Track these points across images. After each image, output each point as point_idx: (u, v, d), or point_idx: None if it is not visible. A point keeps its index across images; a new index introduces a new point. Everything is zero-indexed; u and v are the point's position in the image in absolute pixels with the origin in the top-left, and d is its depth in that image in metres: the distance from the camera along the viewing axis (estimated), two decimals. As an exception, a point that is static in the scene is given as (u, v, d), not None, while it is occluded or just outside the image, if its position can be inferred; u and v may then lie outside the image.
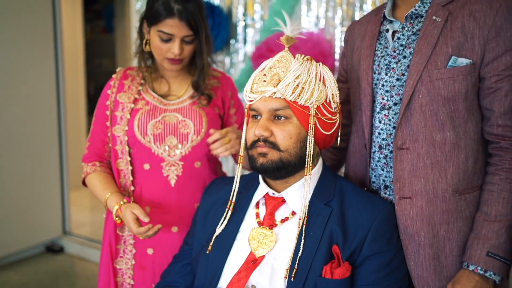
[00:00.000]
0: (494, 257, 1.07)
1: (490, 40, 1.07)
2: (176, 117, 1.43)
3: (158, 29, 1.36)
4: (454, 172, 1.12)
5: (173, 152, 1.41)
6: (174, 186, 1.42)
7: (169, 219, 1.42)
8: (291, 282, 1.07)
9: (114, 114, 1.44)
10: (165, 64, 1.42)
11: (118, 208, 1.33)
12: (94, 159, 1.47)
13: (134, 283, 1.46)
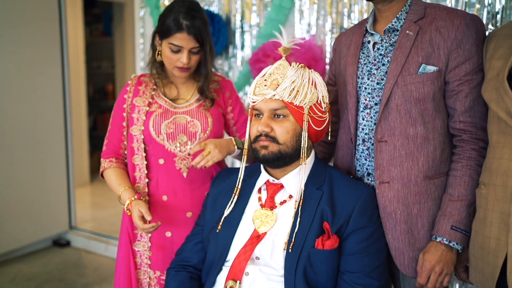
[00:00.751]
0: (457, 230, 1.29)
1: (453, 51, 1.29)
2: (186, 118, 1.63)
3: (169, 41, 1.56)
4: (424, 161, 1.34)
5: (183, 148, 1.62)
6: (186, 177, 1.62)
7: (184, 206, 1.62)
8: (289, 253, 1.28)
9: (131, 116, 1.65)
10: (175, 72, 1.62)
11: (129, 202, 1.53)
12: (111, 156, 1.67)
13: (150, 263, 1.66)
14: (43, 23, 3.54)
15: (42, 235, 3.70)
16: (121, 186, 1.58)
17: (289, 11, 2.64)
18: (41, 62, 3.54)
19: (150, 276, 1.66)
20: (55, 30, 3.65)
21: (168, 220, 1.61)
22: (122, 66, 5.93)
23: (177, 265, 1.51)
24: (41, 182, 3.64)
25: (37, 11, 3.48)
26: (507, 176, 1.13)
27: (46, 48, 3.58)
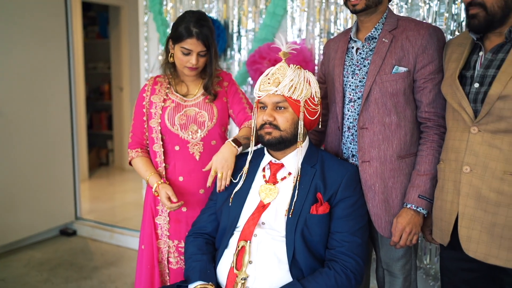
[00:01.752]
0: (423, 198, 1.61)
1: (419, 55, 1.62)
2: (195, 110, 1.93)
3: (181, 46, 1.86)
4: (397, 144, 1.66)
5: (195, 136, 1.92)
6: (199, 160, 1.92)
7: (198, 184, 1.92)
8: (289, 218, 1.59)
9: (149, 111, 1.94)
10: (185, 71, 1.92)
11: (157, 186, 1.84)
12: (137, 147, 1.96)
13: (169, 234, 1.96)
14: (50, 26, 3.80)
15: (50, 225, 3.96)
16: (147, 172, 1.89)
17: (282, 18, 2.94)
18: (49, 63, 3.80)
19: (169, 245, 1.96)
20: (62, 32, 3.91)
21: (184, 197, 1.91)
22: (118, 67, 6.18)
23: (195, 233, 1.81)
24: (49, 177, 3.90)
25: (44, 14, 3.74)
26: (458, 152, 1.45)
27: (54, 49, 3.84)
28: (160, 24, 3.36)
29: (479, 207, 1.41)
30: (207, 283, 1.60)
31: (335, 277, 1.52)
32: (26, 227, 3.76)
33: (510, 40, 1.41)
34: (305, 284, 1.50)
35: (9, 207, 3.60)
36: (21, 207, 3.70)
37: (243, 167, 1.75)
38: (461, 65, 1.49)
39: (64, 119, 3.99)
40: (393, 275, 1.78)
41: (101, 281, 3.19)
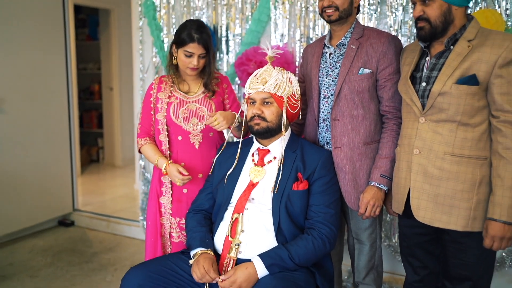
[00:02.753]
0: (384, 177, 1.96)
1: (380, 59, 1.97)
2: (196, 105, 2.25)
3: (184, 49, 2.17)
4: (363, 132, 2.01)
5: (195, 128, 2.23)
6: (198, 148, 2.24)
7: (197, 169, 2.24)
8: (275, 194, 1.92)
9: (156, 106, 2.25)
10: (187, 71, 2.23)
11: (167, 165, 2.15)
12: (145, 136, 2.26)
13: (172, 212, 2.28)
14: (49, 28, 4.06)
15: (49, 216, 4.22)
16: (156, 155, 2.20)
17: (266, 24, 3.26)
18: (49, 63, 4.07)
19: (171, 222, 2.27)
20: (60, 34, 4.18)
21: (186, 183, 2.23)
22: (108, 68, 6.45)
23: (194, 210, 2.13)
24: (48, 171, 4.16)
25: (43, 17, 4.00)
26: (410, 138, 1.80)
27: (53, 50, 4.10)
28: (154, 28, 3.66)
29: (426, 181, 1.76)
30: (206, 249, 1.92)
31: (313, 241, 1.86)
32: (27, 217, 4.02)
33: (448, 48, 1.76)
34: (288, 247, 1.84)
35: (11, 199, 3.86)
36: (22, 198, 3.96)
37: (235, 153, 2.08)
38: (412, 68, 1.84)
39: (62, 117, 4.26)
40: (361, 242, 2.13)
41: (102, 264, 3.48)
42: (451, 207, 1.72)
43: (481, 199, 1.70)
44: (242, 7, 3.34)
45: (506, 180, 1.63)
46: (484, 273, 1.78)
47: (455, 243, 1.77)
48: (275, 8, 3.20)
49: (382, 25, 2.89)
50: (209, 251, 1.91)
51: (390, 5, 2.84)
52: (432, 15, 1.73)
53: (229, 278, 1.78)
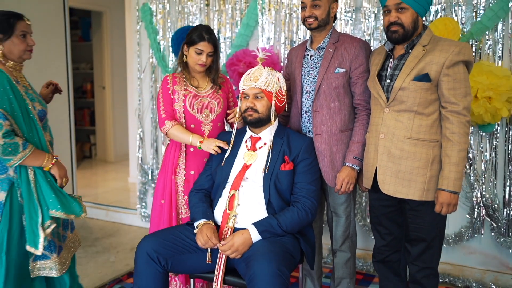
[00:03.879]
0: (356, 158, 2.34)
1: (353, 60, 2.35)
2: (207, 99, 2.58)
3: (195, 47, 2.49)
4: (339, 122, 2.39)
5: (207, 118, 2.56)
6: (207, 136, 2.57)
7: (204, 154, 2.54)
8: (265, 174, 2.28)
9: (173, 97, 2.56)
10: (196, 67, 2.54)
11: (201, 140, 2.44)
12: (171, 119, 2.53)
13: (184, 190, 2.60)
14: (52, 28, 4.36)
15: (52, 205, 4.53)
16: (188, 134, 2.48)
17: (254, 28, 3.63)
18: (51, 62, 4.38)
19: (184, 199, 2.61)
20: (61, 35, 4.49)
21: (193, 163, 2.56)
22: (100, 68, 6.75)
23: (196, 189, 2.48)
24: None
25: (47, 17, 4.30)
26: (377, 125, 2.19)
27: (55, 50, 4.41)
28: (151, 32, 4.01)
29: (389, 160, 2.15)
30: (208, 220, 2.28)
31: (298, 212, 2.22)
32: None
33: (408, 52, 2.15)
34: (277, 217, 2.20)
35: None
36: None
37: (230, 141, 2.44)
38: (379, 68, 2.23)
39: (63, 115, 4.57)
40: (338, 215, 2.51)
41: (104, 248, 3.81)
42: (410, 181, 2.11)
43: (433, 174, 2.10)
44: (232, 13, 3.71)
45: (452, 158, 2.03)
46: (436, 235, 2.17)
47: (413, 211, 2.16)
48: (262, 14, 3.57)
49: (357, 30, 3.28)
50: (210, 222, 2.26)
51: (364, 12, 3.24)
52: (406, 21, 2.11)
53: (228, 242, 2.14)
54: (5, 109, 2.13)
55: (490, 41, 2.89)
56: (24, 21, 2.31)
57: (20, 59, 2.32)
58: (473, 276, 3.11)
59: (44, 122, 2.39)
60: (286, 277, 1.97)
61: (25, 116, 2.22)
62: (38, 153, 2.23)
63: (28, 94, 2.29)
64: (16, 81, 2.25)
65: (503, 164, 2.96)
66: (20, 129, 2.20)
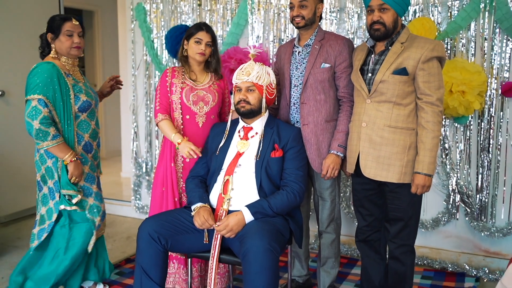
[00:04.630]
0: (341, 146, 2.54)
1: (337, 56, 2.56)
2: (203, 92, 2.75)
3: (194, 37, 2.68)
4: (325, 113, 2.59)
5: (202, 110, 2.74)
6: (201, 127, 2.73)
7: (198, 143, 2.71)
8: (257, 160, 2.47)
9: (171, 89, 2.74)
10: (196, 57, 2.71)
11: (182, 140, 2.62)
12: (165, 112, 2.72)
13: (182, 176, 2.78)
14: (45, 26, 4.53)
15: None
16: (174, 130, 2.66)
17: (244, 27, 3.81)
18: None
19: (182, 185, 2.78)
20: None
21: None
22: (92, 66, 6.89)
23: (192, 176, 2.66)
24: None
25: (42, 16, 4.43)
26: (359, 115, 2.40)
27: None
28: (145, 30, 4.18)
29: (371, 147, 2.35)
30: (204, 203, 2.46)
31: (287, 195, 2.42)
32: (28, 199, 4.46)
33: (387, 48, 2.36)
34: (268, 200, 2.39)
35: (15, 183, 4.31)
36: (24, 182, 4.38)
37: (224, 131, 2.63)
38: (361, 62, 2.44)
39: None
40: (324, 199, 2.71)
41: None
42: (389, 165, 2.32)
43: (410, 159, 2.31)
44: (223, 12, 3.90)
45: (427, 144, 2.25)
46: (413, 215, 2.39)
47: (392, 193, 2.38)
48: (252, 13, 3.77)
49: (342, 29, 3.49)
50: (206, 205, 2.45)
51: (348, 12, 3.45)
52: (387, 20, 2.32)
53: (223, 223, 2.33)
54: (47, 97, 2.53)
55: (463, 40, 3.13)
56: (71, 22, 2.68)
57: (69, 55, 2.70)
58: (449, 258, 3.34)
59: (90, 112, 2.75)
60: (277, 252, 2.17)
61: (65, 107, 2.61)
62: (63, 148, 2.58)
63: (76, 86, 2.66)
64: (67, 74, 2.64)
65: (476, 153, 3.19)
66: (58, 117, 2.61)
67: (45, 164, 2.68)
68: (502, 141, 3.11)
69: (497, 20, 3.01)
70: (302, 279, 2.97)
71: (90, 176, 2.81)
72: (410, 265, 2.45)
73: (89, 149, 2.77)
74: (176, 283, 2.83)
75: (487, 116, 3.13)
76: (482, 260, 3.24)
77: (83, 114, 2.70)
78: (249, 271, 2.13)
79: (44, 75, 2.54)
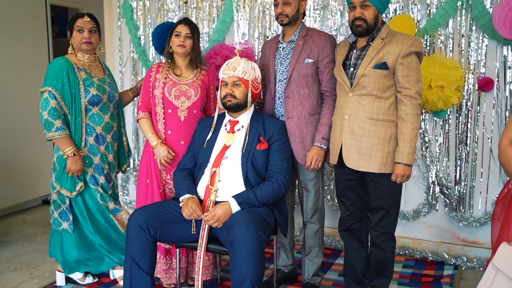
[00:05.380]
0: (324, 139, 2.63)
1: (320, 52, 2.65)
2: (185, 87, 2.82)
3: (174, 31, 2.77)
4: (308, 106, 2.68)
5: (183, 104, 2.81)
6: (183, 121, 2.81)
7: (180, 137, 2.80)
8: (243, 153, 2.55)
9: (154, 84, 2.80)
10: (177, 49, 2.77)
11: (158, 143, 2.73)
12: (146, 110, 2.81)
13: (164, 168, 2.84)
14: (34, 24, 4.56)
15: (35, 195, 4.70)
16: (151, 130, 2.77)
17: (230, 24, 3.88)
18: (35, 56, 4.56)
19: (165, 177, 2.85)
20: (44, 32, 4.67)
21: (171, 145, 2.80)
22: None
23: (180, 169, 2.72)
24: (34, 155, 4.64)
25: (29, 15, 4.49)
26: (342, 108, 2.48)
27: (38, 46, 4.60)
28: (132, 27, 4.22)
29: (353, 138, 2.45)
30: (192, 195, 2.53)
31: (272, 186, 2.50)
32: (15, 196, 4.49)
33: (368, 44, 2.45)
34: (254, 190, 2.47)
35: (1, 179, 4.33)
36: (11, 179, 4.42)
37: (211, 124, 2.70)
38: (344, 57, 2.52)
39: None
40: (308, 190, 2.80)
41: (89, 231, 4.01)
42: (370, 156, 2.42)
43: (390, 150, 2.41)
44: (209, 10, 3.96)
45: (406, 135, 2.34)
46: (393, 204, 2.49)
47: (373, 183, 2.47)
48: (237, 11, 3.84)
49: (325, 26, 3.58)
50: (194, 196, 2.52)
51: (331, 10, 3.54)
52: (369, 17, 2.41)
53: (211, 213, 2.40)
54: (56, 89, 2.69)
55: (442, 37, 3.24)
56: (82, 19, 2.83)
57: (81, 50, 2.85)
58: (429, 248, 3.45)
59: (102, 106, 2.87)
60: (262, 240, 2.25)
61: (74, 100, 2.75)
62: (65, 141, 2.74)
63: (87, 80, 2.80)
64: (79, 68, 2.80)
65: (454, 146, 3.31)
66: (68, 108, 2.76)
67: (57, 152, 2.85)
68: (479, 134, 3.23)
69: (474, 18, 3.13)
70: (287, 269, 3.05)
71: (99, 167, 2.92)
72: (391, 252, 2.55)
73: (101, 142, 2.90)
74: (158, 273, 2.90)
75: (464, 110, 3.25)
76: (460, 249, 3.36)
77: (94, 107, 2.83)
78: (236, 258, 2.20)
79: (54, 69, 2.73)
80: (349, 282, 2.73)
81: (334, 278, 3.13)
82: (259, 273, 2.22)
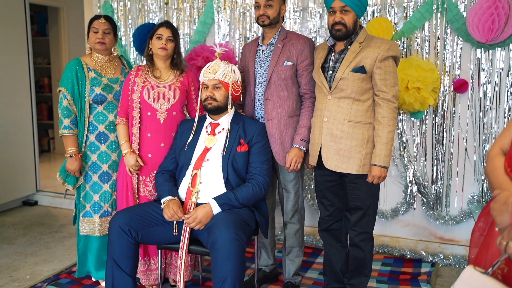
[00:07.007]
0: (303, 140, 2.67)
1: (299, 55, 2.69)
2: (164, 89, 2.84)
3: (155, 34, 2.77)
4: (288, 108, 2.72)
5: (162, 107, 2.83)
6: (162, 123, 2.83)
7: (159, 139, 2.80)
8: (224, 155, 2.58)
9: (133, 88, 2.81)
10: (159, 52, 2.77)
11: (128, 152, 2.76)
12: (123, 115, 2.82)
13: (141, 172, 2.87)
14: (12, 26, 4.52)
15: (14, 196, 4.66)
16: (125, 138, 2.79)
17: (211, 25, 3.90)
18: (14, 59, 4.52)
19: (139, 179, 2.85)
20: (23, 32, 4.63)
21: (150, 147, 2.81)
22: (58, 62, 6.82)
23: (161, 171, 2.74)
24: (14, 156, 4.59)
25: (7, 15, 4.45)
26: (321, 110, 2.53)
27: (17, 47, 4.55)
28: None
29: (332, 140, 2.49)
30: (173, 197, 2.55)
31: (252, 188, 2.54)
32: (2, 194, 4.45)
33: (347, 48, 2.50)
34: (234, 192, 2.50)
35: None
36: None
37: (192, 127, 2.72)
38: (322, 61, 2.57)
39: (26, 108, 4.72)
40: (288, 191, 2.84)
41: (71, 233, 4.00)
42: (349, 158, 2.47)
43: (368, 151, 2.47)
44: (190, 11, 3.98)
45: (383, 138, 2.40)
46: (371, 204, 2.54)
47: (352, 183, 2.53)
48: (218, 12, 3.86)
49: (304, 28, 3.62)
50: (175, 198, 2.54)
51: (310, 12, 3.59)
52: (348, 22, 2.45)
53: (192, 215, 2.43)
54: (67, 89, 2.84)
55: (418, 39, 3.31)
56: (98, 20, 2.94)
57: (96, 50, 2.97)
58: (407, 246, 3.53)
59: (107, 105, 2.96)
60: (243, 241, 2.29)
61: (80, 97, 2.88)
62: (69, 141, 2.90)
63: (95, 79, 2.91)
64: (90, 68, 2.92)
65: (431, 146, 3.39)
66: (76, 106, 2.89)
67: None
68: (455, 134, 3.32)
69: (449, 21, 3.21)
70: (268, 269, 3.10)
71: (95, 166, 2.99)
72: (369, 251, 2.61)
73: (103, 140, 2.98)
74: (137, 274, 2.91)
75: (440, 111, 3.32)
76: (437, 247, 3.45)
77: (99, 106, 2.93)
78: (217, 259, 2.24)
79: (66, 69, 2.89)
80: (328, 281, 2.79)
81: (314, 277, 3.18)
82: (240, 273, 2.26)
